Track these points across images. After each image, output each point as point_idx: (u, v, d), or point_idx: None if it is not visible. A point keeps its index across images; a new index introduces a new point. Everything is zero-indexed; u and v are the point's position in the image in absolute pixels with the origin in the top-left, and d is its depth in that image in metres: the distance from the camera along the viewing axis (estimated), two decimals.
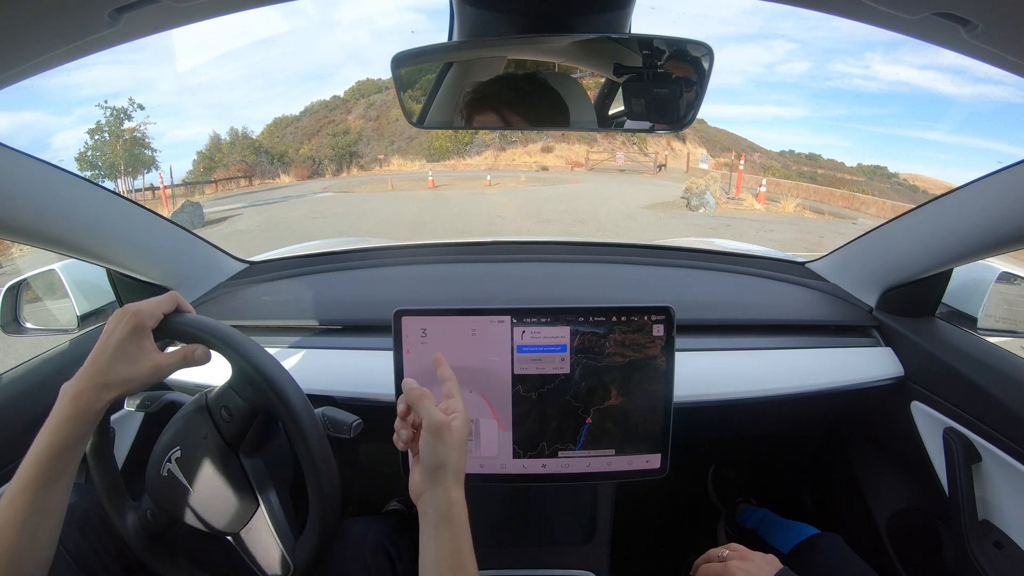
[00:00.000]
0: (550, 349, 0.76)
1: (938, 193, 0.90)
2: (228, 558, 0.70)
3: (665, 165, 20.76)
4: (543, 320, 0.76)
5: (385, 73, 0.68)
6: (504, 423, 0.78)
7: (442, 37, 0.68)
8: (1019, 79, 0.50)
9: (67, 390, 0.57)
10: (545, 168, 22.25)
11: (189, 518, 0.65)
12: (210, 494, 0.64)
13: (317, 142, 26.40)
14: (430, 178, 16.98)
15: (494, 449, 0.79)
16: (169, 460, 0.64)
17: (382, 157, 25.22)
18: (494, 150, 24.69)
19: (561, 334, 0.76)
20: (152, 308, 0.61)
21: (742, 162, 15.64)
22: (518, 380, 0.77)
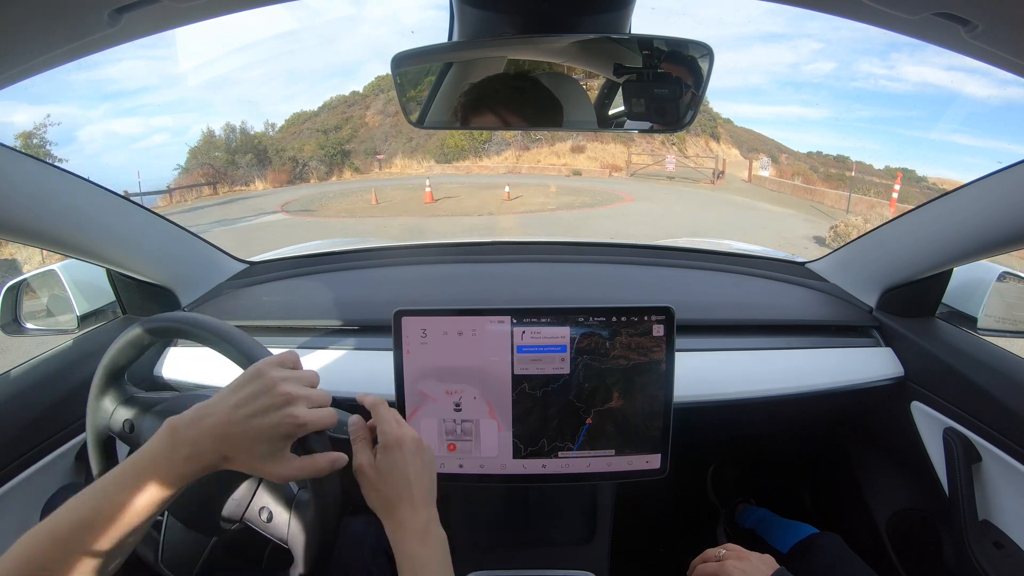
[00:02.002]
0: (550, 349, 0.76)
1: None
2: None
3: (724, 172, 16.05)
4: (542, 320, 0.76)
5: None
6: (504, 423, 0.78)
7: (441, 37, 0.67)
8: None
9: (182, 443, 0.47)
10: (578, 172, 17.72)
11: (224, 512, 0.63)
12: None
13: (334, 137, 22.38)
14: (427, 189, 12.55)
15: (494, 449, 0.79)
16: None
17: (381, 157, 21.03)
18: (516, 149, 20.69)
19: (561, 334, 0.76)
20: (316, 423, 0.51)
21: (897, 186, 10.60)
22: (519, 380, 0.77)
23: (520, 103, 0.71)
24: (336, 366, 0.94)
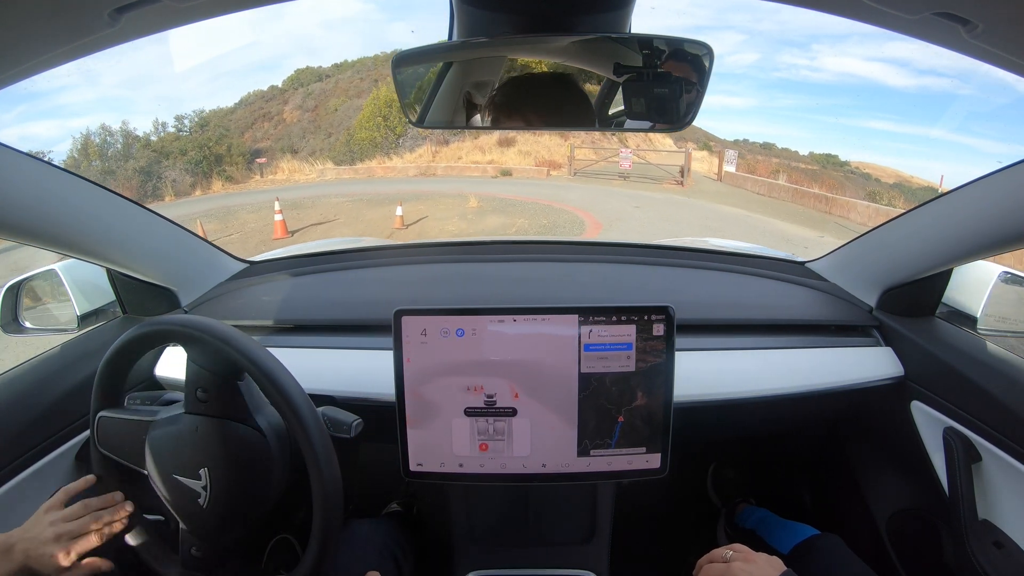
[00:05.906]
0: (617, 347, 0.77)
1: (890, 181, 0.89)
2: None
3: (689, 170, 12.17)
4: (611, 319, 0.77)
5: (326, 61, 0.63)
6: (569, 421, 0.79)
7: (440, 37, 0.66)
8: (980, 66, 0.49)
9: None
10: (507, 172, 13.18)
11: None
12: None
13: (251, 135, 17.38)
14: (277, 218, 7.41)
15: (526, 448, 0.80)
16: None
17: (262, 161, 15.55)
18: (433, 144, 15.56)
19: (627, 332, 0.77)
20: None
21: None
22: (586, 379, 0.78)
23: (521, 103, 0.71)
24: (336, 366, 0.94)
